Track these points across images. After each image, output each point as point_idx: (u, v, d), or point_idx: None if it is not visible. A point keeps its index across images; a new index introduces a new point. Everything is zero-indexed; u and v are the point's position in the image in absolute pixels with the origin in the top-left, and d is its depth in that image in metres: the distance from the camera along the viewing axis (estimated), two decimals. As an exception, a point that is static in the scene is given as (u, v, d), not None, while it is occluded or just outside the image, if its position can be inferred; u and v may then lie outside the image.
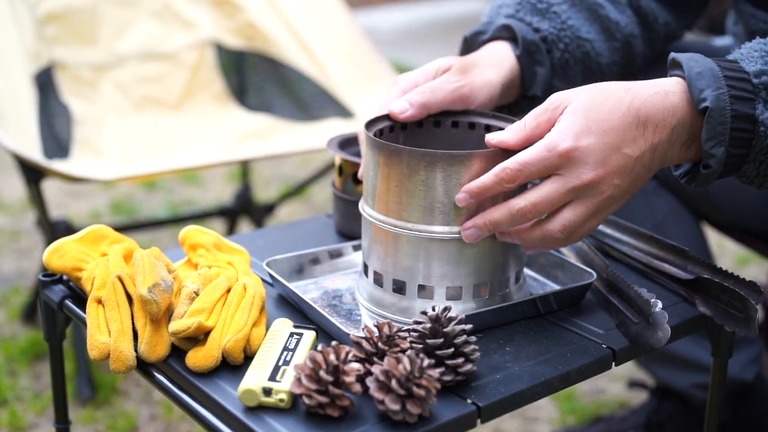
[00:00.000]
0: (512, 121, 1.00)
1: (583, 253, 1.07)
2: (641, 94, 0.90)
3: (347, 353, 0.82)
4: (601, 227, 1.14)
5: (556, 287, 1.06)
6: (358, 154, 1.17)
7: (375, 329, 0.86)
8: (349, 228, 1.17)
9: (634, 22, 1.22)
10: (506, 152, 0.92)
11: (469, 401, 0.83)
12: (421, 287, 0.96)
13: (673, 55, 0.94)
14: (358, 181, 1.15)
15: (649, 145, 0.90)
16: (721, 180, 0.95)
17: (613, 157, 0.89)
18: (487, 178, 0.90)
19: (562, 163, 0.88)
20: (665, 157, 0.92)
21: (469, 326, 0.86)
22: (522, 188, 0.94)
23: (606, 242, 1.13)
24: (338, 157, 1.17)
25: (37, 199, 1.88)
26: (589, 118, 0.88)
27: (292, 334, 0.90)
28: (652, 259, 1.07)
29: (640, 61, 1.25)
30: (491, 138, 0.92)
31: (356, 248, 1.11)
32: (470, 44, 1.16)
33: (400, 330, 0.86)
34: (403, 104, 1.01)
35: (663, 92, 0.91)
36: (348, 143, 1.21)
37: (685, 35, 1.34)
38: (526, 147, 0.90)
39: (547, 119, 0.91)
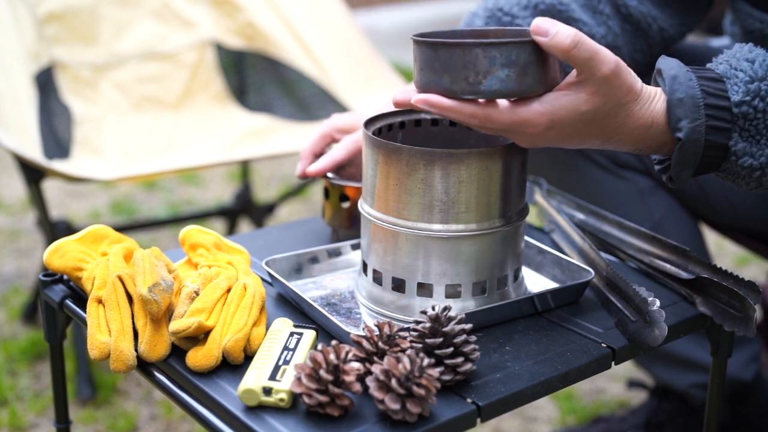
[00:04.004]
0: None
1: (584, 252, 1.07)
2: (629, 126, 0.90)
3: (347, 352, 0.82)
4: (602, 226, 1.14)
5: (555, 285, 1.06)
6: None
7: (375, 328, 0.86)
8: None
9: (617, 33, 1.21)
10: (509, 152, 0.92)
11: (468, 400, 0.83)
12: (420, 285, 0.96)
13: (659, 66, 0.93)
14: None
15: (601, 142, 0.91)
16: (718, 181, 0.95)
17: (563, 142, 0.91)
18: (454, 109, 0.87)
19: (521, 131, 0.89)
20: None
21: (468, 326, 0.86)
22: None
23: (608, 241, 1.13)
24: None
25: (38, 199, 1.88)
26: (577, 122, 0.88)
27: (292, 334, 0.90)
28: (653, 259, 1.07)
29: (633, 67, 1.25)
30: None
31: (355, 247, 1.11)
32: None
33: (400, 329, 0.86)
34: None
35: (648, 124, 0.90)
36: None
37: (686, 38, 1.34)
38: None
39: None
